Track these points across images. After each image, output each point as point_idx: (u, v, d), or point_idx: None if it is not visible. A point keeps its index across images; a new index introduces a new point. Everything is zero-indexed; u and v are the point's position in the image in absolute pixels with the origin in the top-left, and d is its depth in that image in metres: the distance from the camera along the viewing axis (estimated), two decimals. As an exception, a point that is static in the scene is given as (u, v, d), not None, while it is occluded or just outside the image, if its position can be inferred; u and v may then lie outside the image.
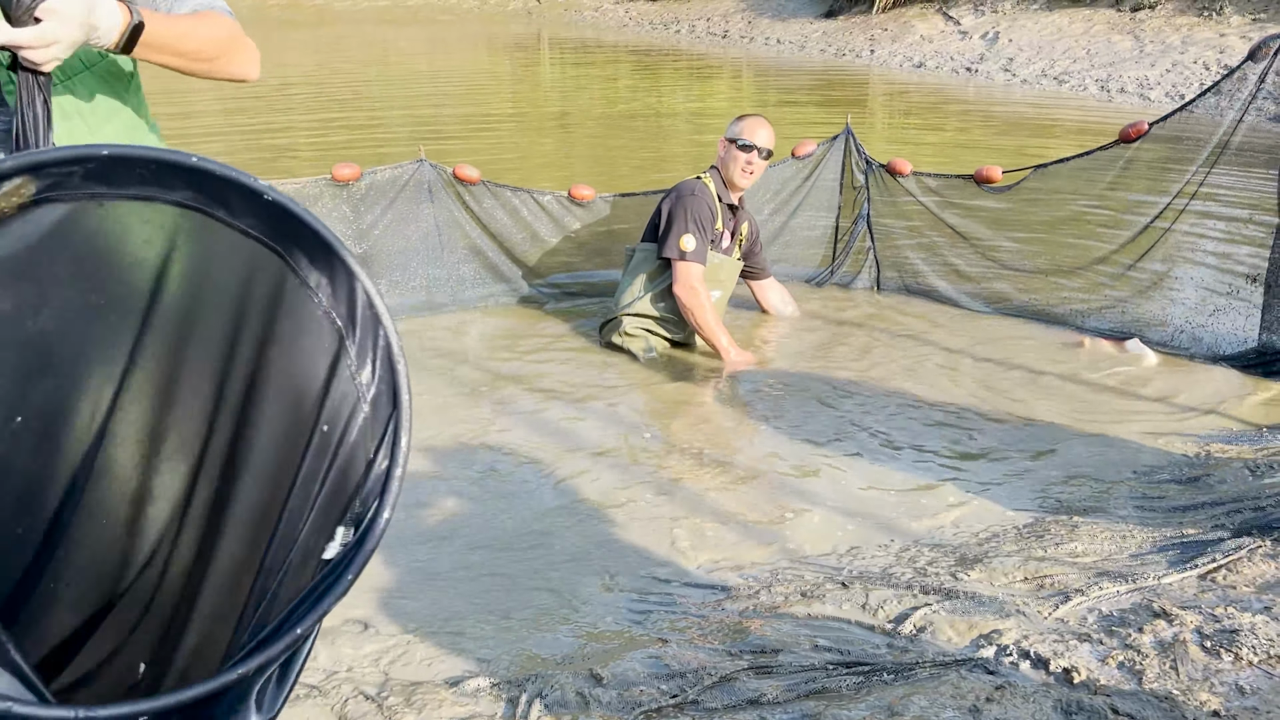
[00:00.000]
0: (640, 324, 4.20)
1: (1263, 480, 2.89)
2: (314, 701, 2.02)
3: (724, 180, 4.24)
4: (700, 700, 1.87)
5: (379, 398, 1.04)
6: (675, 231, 4.06)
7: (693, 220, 4.05)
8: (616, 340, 4.19)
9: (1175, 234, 4.21)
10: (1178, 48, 13.49)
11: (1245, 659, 1.86)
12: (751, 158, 4.15)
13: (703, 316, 4.07)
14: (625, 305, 4.20)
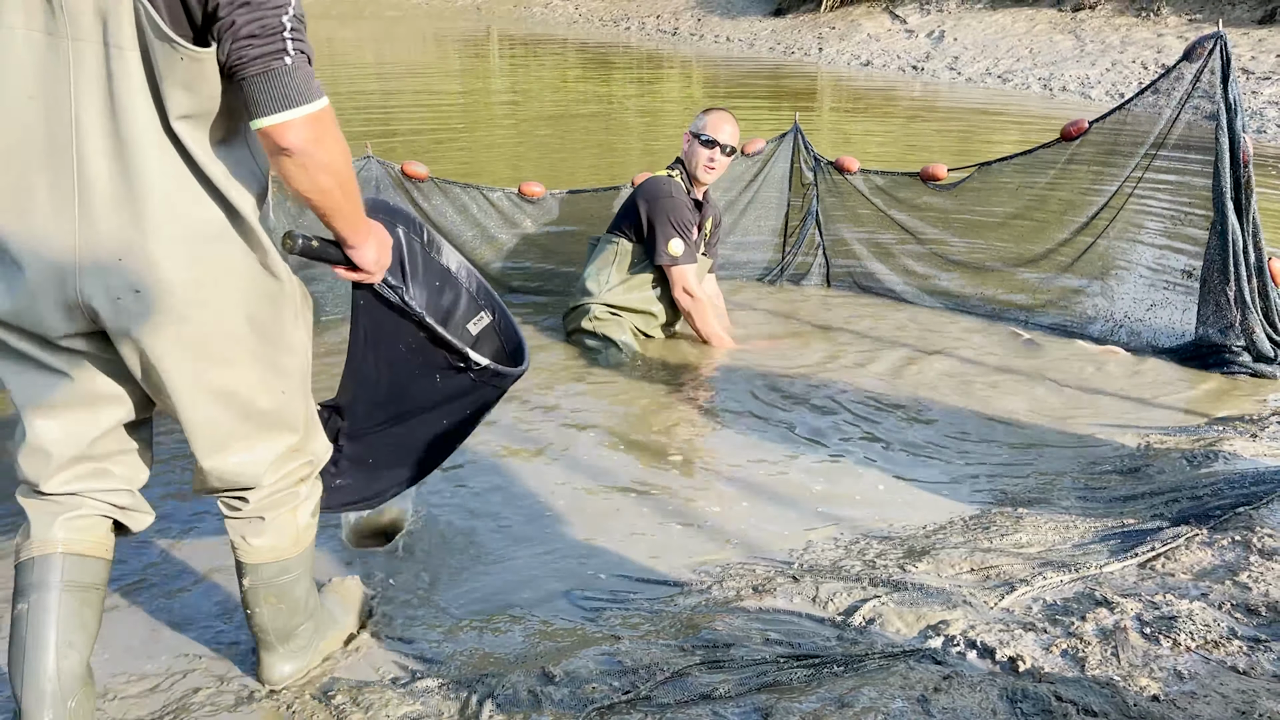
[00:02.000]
0: (609, 311, 4.19)
1: (1199, 470, 2.96)
2: (260, 704, 1.99)
3: (688, 176, 4.23)
4: (652, 696, 1.87)
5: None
6: (662, 237, 4.05)
7: (676, 224, 4.05)
8: (587, 325, 4.17)
9: (1115, 230, 4.30)
10: (1117, 47, 13.77)
11: (1183, 644, 1.91)
12: (714, 154, 4.13)
13: (704, 322, 4.16)
14: (596, 294, 4.18)
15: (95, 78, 1.51)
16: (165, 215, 1.58)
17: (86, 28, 1.49)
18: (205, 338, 1.67)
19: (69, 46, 1.49)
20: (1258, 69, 11.43)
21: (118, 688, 2.07)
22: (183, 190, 1.59)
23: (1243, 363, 3.86)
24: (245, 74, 1.53)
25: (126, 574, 2.53)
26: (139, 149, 1.55)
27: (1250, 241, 3.81)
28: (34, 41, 1.49)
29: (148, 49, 1.51)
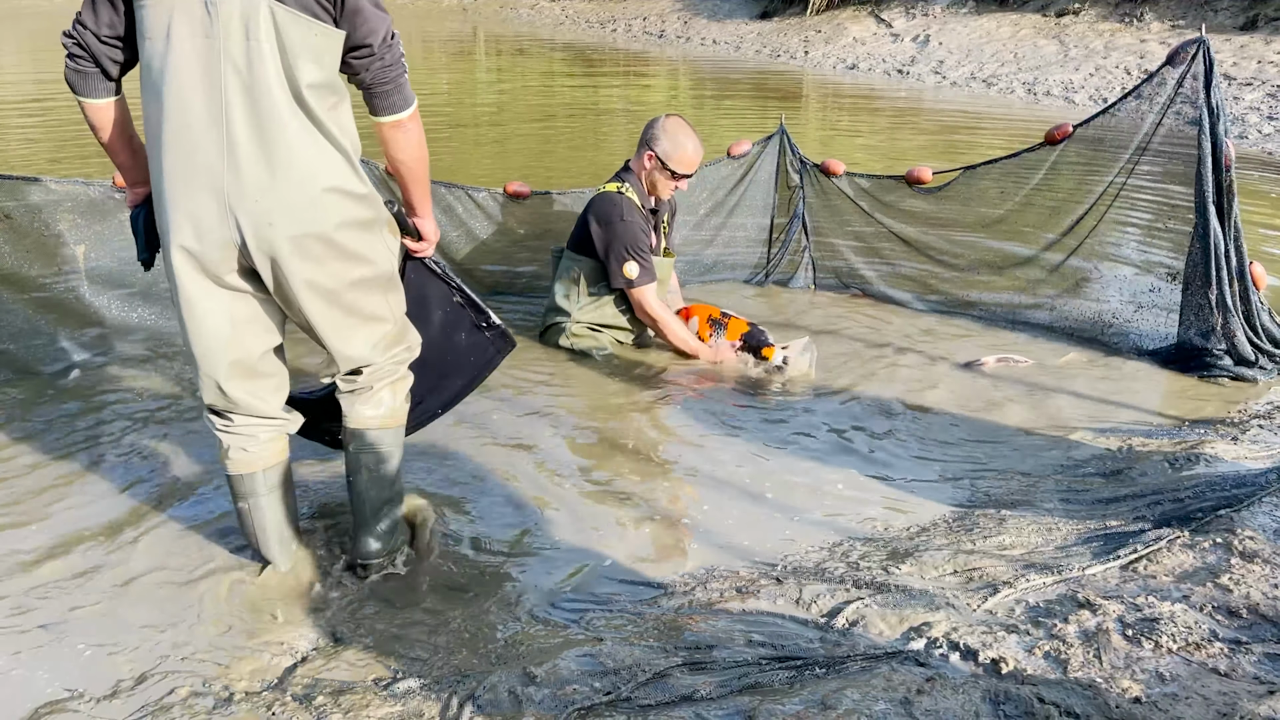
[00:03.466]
0: (585, 328, 4.17)
1: (1181, 473, 2.97)
2: (240, 705, 1.98)
3: (645, 188, 4.14)
4: (634, 697, 1.86)
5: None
6: (616, 261, 4.00)
7: (630, 249, 3.98)
8: (564, 343, 4.16)
9: (1099, 234, 4.32)
10: (1100, 52, 13.84)
11: (1165, 646, 1.91)
12: (682, 184, 4.11)
13: (671, 334, 4.09)
14: (570, 314, 4.16)
15: (239, 67, 2.03)
16: (290, 164, 2.10)
17: (234, 31, 2.02)
18: (321, 256, 2.18)
19: (220, 46, 2.02)
20: (1240, 75, 11.51)
21: (94, 689, 2.05)
22: (305, 145, 2.11)
23: (1224, 366, 3.88)
24: (380, 89, 2.22)
25: (106, 573, 2.50)
26: (272, 116, 2.06)
27: (1232, 246, 3.83)
28: (197, 45, 2.02)
29: (281, 36, 2.04)
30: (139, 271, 3.98)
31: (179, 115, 2.04)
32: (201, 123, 2.04)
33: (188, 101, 2.04)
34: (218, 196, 2.07)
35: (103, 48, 2.12)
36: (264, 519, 2.44)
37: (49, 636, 2.25)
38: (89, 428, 3.32)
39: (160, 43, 2.03)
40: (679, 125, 4.04)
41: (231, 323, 2.21)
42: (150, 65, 2.06)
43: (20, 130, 9.65)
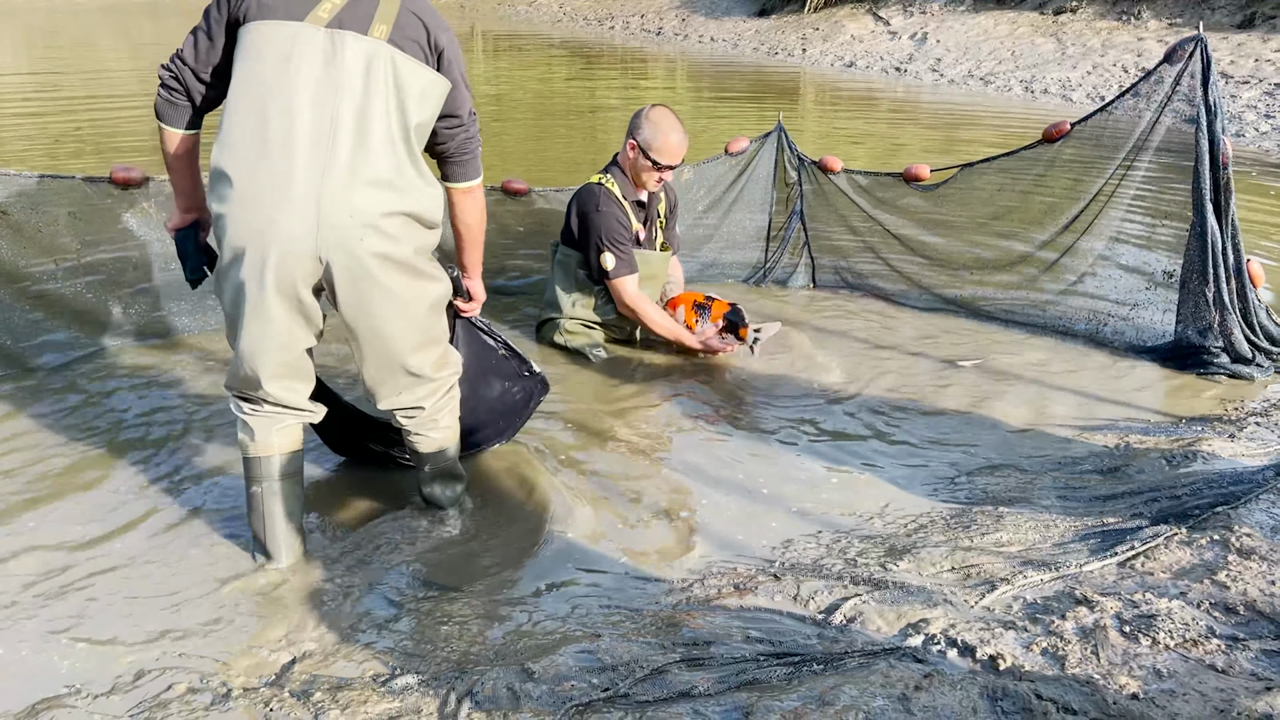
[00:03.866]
0: (580, 324, 4.17)
1: (1178, 470, 2.98)
2: (238, 701, 1.97)
3: (631, 179, 4.07)
4: (632, 693, 1.86)
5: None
6: (594, 253, 3.98)
7: (607, 239, 3.95)
8: (559, 340, 4.15)
9: (1097, 231, 4.32)
10: (1098, 50, 13.85)
11: (1162, 643, 1.91)
12: (666, 175, 4.03)
13: (654, 324, 4.06)
14: (564, 309, 4.15)
15: (355, 96, 2.24)
16: (388, 186, 2.27)
17: (356, 65, 2.24)
18: (401, 274, 2.36)
19: (340, 76, 2.23)
20: (1237, 73, 11.52)
21: (92, 685, 2.05)
22: (401, 172, 2.30)
23: (1221, 364, 3.89)
24: (460, 159, 2.54)
25: (103, 569, 2.50)
26: (376, 144, 2.25)
27: (1229, 243, 3.83)
28: (314, 71, 2.22)
29: (398, 77, 2.28)
30: (135, 267, 3.98)
31: (284, 131, 2.19)
32: (307, 139, 2.19)
33: (297, 118, 2.19)
34: (312, 209, 2.20)
35: (197, 84, 2.36)
36: (275, 505, 2.52)
37: (46, 632, 2.24)
38: (85, 424, 3.32)
39: (274, 63, 2.21)
40: (663, 114, 3.98)
41: (290, 330, 2.35)
42: (257, 82, 2.22)
43: (16, 126, 9.64)
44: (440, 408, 2.68)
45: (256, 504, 2.51)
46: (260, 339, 2.34)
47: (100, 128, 9.69)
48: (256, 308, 2.29)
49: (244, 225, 2.21)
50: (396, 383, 2.55)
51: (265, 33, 2.23)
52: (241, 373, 2.41)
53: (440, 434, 2.72)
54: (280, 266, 2.23)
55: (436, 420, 2.69)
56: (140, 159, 7.64)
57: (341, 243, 2.23)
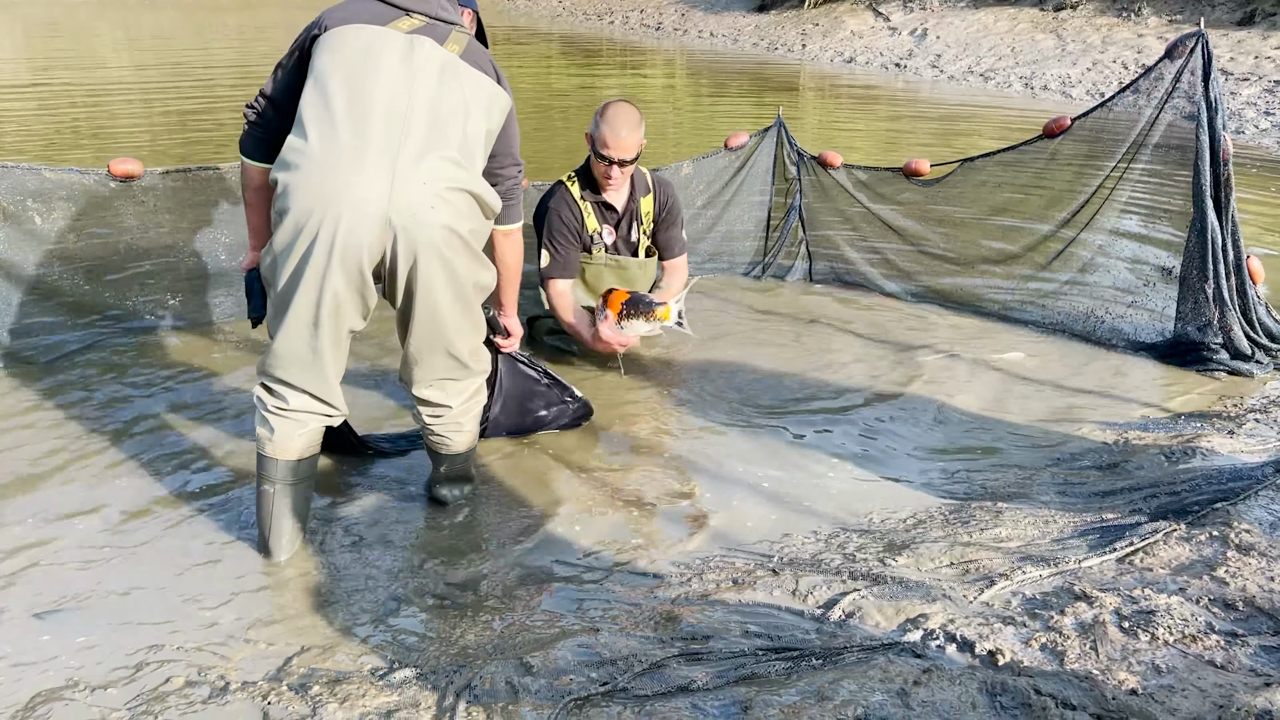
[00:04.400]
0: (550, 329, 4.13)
1: (1177, 466, 2.98)
2: (236, 694, 1.97)
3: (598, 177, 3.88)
4: (630, 688, 1.86)
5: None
6: (537, 247, 3.89)
7: (546, 237, 3.86)
8: (549, 340, 4.13)
9: (1097, 227, 4.32)
10: (1098, 47, 13.84)
11: (1161, 639, 1.91)
12: (610, 171, 3.77)
13: (564, 320, 3.90)
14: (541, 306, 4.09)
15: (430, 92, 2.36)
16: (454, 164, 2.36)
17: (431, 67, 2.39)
18: (461, 252, 2.43)
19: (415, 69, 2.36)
20: (1237, 70, 11.51)
21: (91, 678, 2.05)
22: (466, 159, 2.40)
23: (1220, 360, 3.88)
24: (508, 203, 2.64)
25: (101, 562, 2.50)
26: (445, 131, 2.36)
27: (1229, 240, 3.83)
28: (393, 66, 2.35)
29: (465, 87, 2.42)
30: (132, 259, 3.97)
31: (362, 107, 2.30)
32: (383, 116, 2.30)
33: (375, 97, 2.31)
34: (386, 175, 2.28)
35: (277, 119, 2.49)
36: (284, 507, 2.53)
37: (45, 626, 2.24)
38: (83, 417, 3.31)
39: (354, 53, 2.35)
40: (617, 109, 3.76)
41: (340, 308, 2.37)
42: (335, 68, 2.34)
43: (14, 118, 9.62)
44: (465, 410, 2.74)
45: (266, 502, 2.52)
46: (310, 314, 2.35)
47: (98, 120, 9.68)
48: (315, 278, 2.30)
49: (316, 190, 2.26)
50: (435, 365, 2.59)
51: (345, 33, 2.38)
52: (281, 357, 2.41)
53: (462, 438, 2.77)
54: (350, 233, 2.27)
55: (460, 424, 2.74)
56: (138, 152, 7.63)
57: (412, 208, 2.30)
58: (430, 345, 2.56)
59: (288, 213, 2.28)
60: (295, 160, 2.28)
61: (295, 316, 2.35)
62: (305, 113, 2.33)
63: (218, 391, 3.55)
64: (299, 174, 2.27)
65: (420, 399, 2.68)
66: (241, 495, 2.83)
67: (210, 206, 4.10)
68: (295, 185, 2.27)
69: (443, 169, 2.34)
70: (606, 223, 3.97)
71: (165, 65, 14.70)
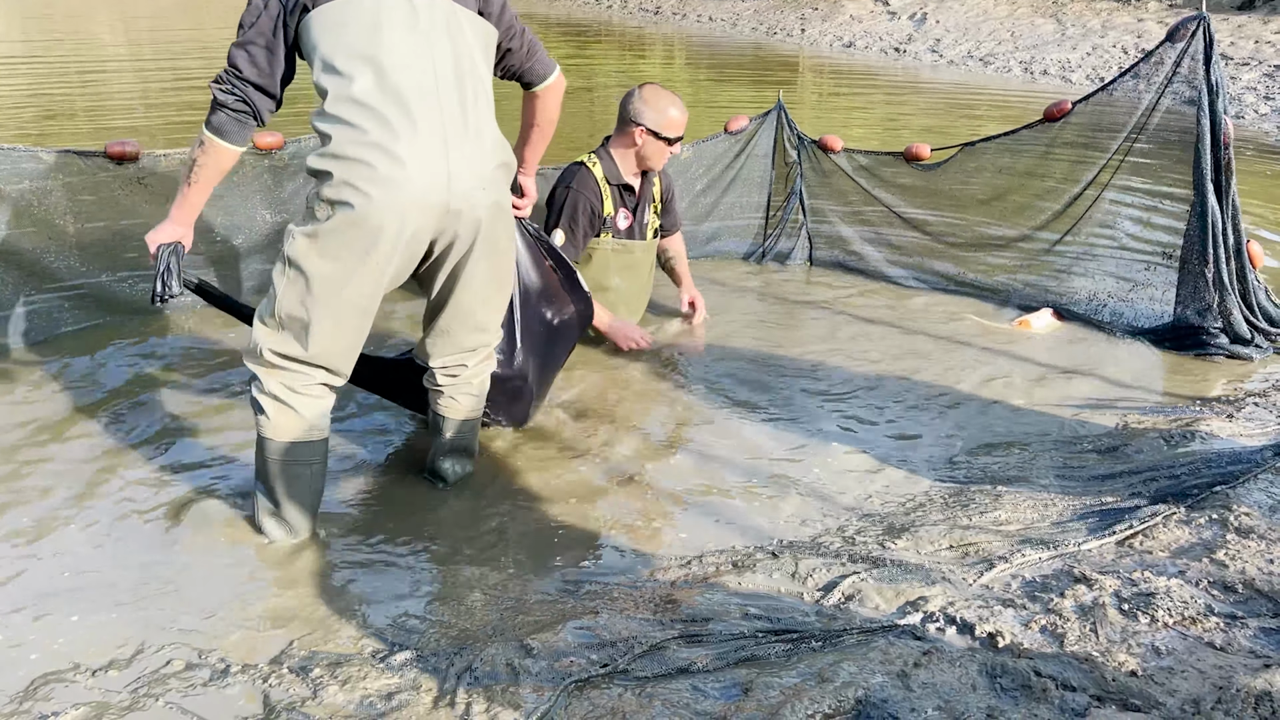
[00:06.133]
0: None
1: (1177, 449, 2.98)
2: (236, 677, 1.97)
3: (634, 160, 3.95)
4: (630, 669, 1.86)
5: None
6: (550, 225, 3.88)
7: (565, 216, 3.84)
8: None
9: (1097, 211, 4.30)
10: (1098, 31, 13.80)
11: (1161, 621, 1.92)
12: (676, 148, 3.95)
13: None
14: None
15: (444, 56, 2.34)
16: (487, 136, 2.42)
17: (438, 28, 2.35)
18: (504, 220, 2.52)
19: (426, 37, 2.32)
20: (1237, 55, 11.48)
21: (91, 660, 2.05)
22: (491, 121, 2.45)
23: (1220, 344, 3.88)
24: (535, 58, 2.70)
25: (102, 544, 2.50)
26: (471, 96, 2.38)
27: (1229, 224, 3.82)
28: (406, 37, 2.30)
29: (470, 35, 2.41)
30: (130, 241, 3.95)
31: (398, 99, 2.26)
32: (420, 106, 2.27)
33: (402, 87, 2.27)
34: (441, 164, 2.30)
35: (265, 99, 2.37)
36: (320, 483, 2.55)
37: (45, 608, 2.24)
38: (82, 399, 3.30)
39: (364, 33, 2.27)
40: (656, 93, 3.90)
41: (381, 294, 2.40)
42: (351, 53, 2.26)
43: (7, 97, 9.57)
44: (478, 372, 2.76)
45: (301, 484, 2.49)
46: (359, 302, 2.36)
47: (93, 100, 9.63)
48: (379, 268, 2.31)
49: (381, 183, 2.24)
50: (465, 339, 2.65)
51: (343, 10, 2.29)
52: (323, 343, 2.38)
53: (471, 400, 2.78)
54: (419, 225, 2.30)
55: (471, 383, 2.76)
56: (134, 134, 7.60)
57: (467, 193, 2.34)
58: (464, 319, 2.61)
59: (347, 205, 2.24)
60: (355, 153, 2.23)
61: (350, 305, 2.36)
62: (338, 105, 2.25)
63: (217, 373, 3.54)
64: (360, 168, 2.23)
65: (438, 366, 2.71)
66: (241, 480, 2.82)
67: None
68: (356, 178, 2.23)
69: (484, 145, 2.38)
70: (624, 206, 4.00)
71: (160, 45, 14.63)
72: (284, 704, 1.88)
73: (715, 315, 4.37)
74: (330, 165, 2.26)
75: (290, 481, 2.49)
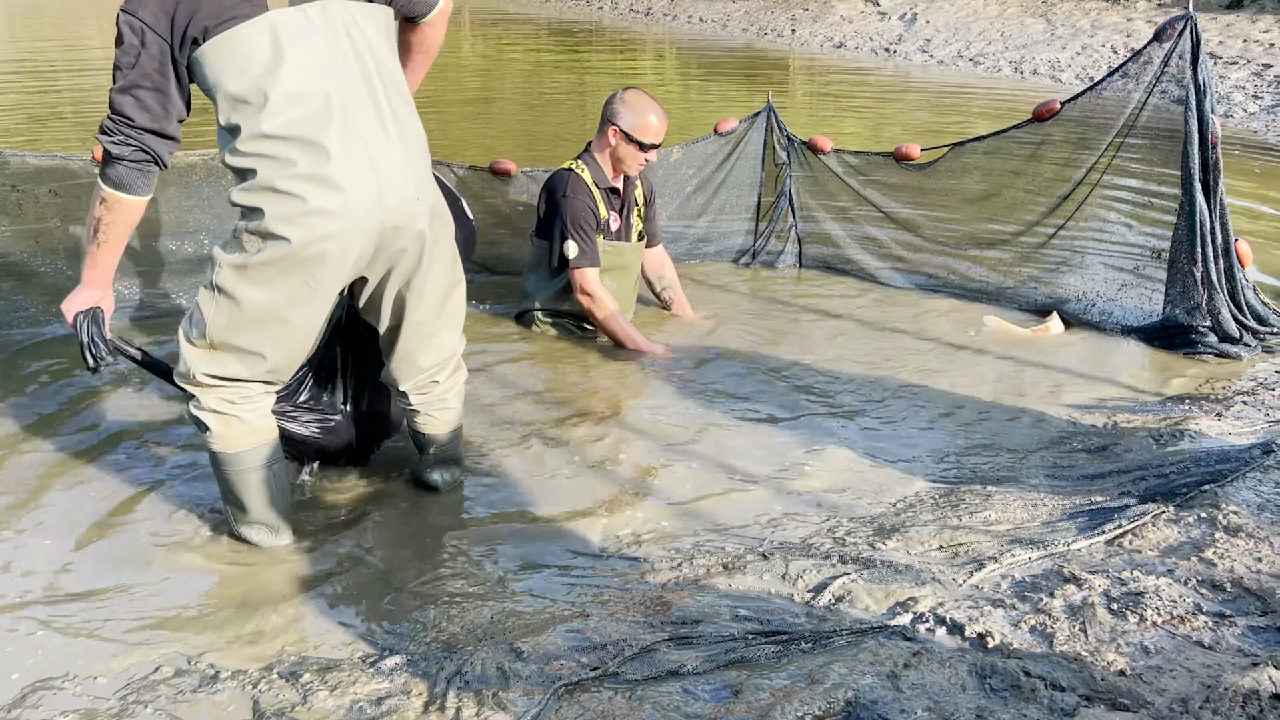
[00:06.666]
0: (551, 317, 4.13)
1: (1166, 448, 2.98)
2: (225, 684, 1.97)
3: (611, 163, 3.98)
4: (620, 672, 1.86)
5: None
6: (557, 240, 3.89)
7: (571, 226, 3.84)
8: (535, 330, 4.13)
9: (1086, 211, 4.31)
10: (1087, 31, 13.83)
11: (1150, 620, 1.92)
12: (651, 155, 3.95)
13: (605, 321, 3.92)
14: (534, 300, 4.10)
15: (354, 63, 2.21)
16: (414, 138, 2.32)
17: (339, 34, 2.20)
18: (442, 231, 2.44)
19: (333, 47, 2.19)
20: (1225, 54, 11.51)
21: (81, 669, 2.04)
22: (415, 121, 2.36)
23: (1209, 343, 3.89)
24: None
25: (89, 552, 2.49)
26: (393, 101, 2.28)
27: (1217, 223, 3.83)
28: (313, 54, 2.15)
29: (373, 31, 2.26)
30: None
31: (319, 122, 2.14)
32: (341, 124, 2.16)
33: (323, 108, 2.15)
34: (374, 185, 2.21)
35: (165, 143, 2.17)
36: (284, 481, 2.52)
37: (35, 617, 2.23)
38: (68, 403, 3.29)
39: (268, 61, 2.12)
40: (638, 96, 3.93)
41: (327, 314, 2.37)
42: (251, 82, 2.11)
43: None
44: (450, 387, 2.69)
45: (267, 487, 2.46)
46: (299, 326, 2.29)
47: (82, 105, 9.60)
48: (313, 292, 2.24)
49: (307, 212, 2.15)
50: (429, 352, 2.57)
51: (241, 39, 2.11)
52: (277, 366, 2.35)
53: (449, 415, 2.72)
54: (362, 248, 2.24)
55: (446, 400, 2.69)
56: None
57: (404, 207, 2.27)
58: (425, 339, 2.53)
59: (282, 240, 2.16)
60: (285, 186, 2.14)
61: (289, 328, 2.28)
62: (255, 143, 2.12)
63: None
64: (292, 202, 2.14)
65: (413, 386, 2.64)
66: (230, 483, 2.81)
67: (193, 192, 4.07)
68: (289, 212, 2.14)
69: (408, 146, 2.29)
70: (613, 209, 4.02)
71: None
72: (274, 710, 1.87)
73: (704, 318, 4.37)
74: (259, 201, 2.16)
75: (255, 488, 2.45)
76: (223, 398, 2.35)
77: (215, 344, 2.29)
